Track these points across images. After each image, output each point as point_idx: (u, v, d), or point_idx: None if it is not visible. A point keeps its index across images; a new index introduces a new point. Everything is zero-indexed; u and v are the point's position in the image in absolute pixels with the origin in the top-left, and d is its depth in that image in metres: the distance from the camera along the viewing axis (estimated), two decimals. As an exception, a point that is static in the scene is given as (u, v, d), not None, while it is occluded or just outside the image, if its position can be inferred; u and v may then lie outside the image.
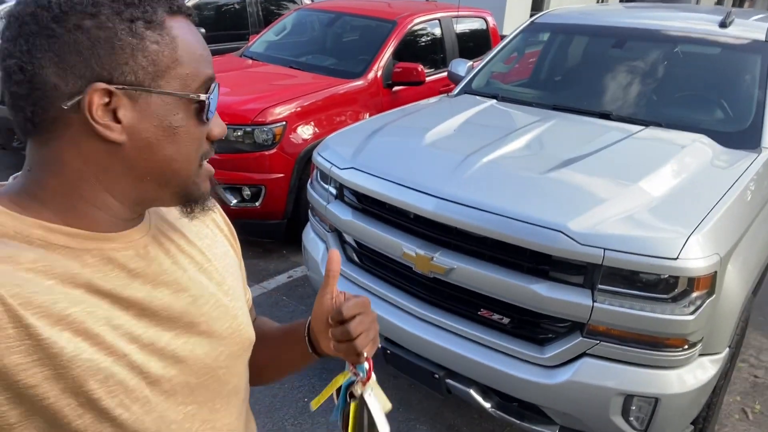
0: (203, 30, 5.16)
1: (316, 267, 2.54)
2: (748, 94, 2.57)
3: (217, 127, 0.68)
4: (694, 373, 1.80)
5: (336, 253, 0.81)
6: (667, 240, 1.70)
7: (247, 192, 3.58)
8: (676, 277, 1.69)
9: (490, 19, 5.65)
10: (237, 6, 6.12)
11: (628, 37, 3.01)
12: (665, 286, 1.71)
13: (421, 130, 2.45)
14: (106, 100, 0.59)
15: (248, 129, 3.52)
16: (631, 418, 1.81)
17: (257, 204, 3.59)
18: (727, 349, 1.89)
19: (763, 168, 2.25)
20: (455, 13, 5.08)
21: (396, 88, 4.34)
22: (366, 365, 0.76)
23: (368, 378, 0.77)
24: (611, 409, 1.80)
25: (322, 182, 2.54)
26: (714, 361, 1.85)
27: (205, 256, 0.76)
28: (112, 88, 0.59)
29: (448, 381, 2.09)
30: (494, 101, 2.93)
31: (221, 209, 0.88)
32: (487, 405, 2.04)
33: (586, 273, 1.79)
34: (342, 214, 2.33)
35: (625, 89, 2.75)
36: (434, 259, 2.01)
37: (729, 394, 2.74)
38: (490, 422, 2.47)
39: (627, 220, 1.80)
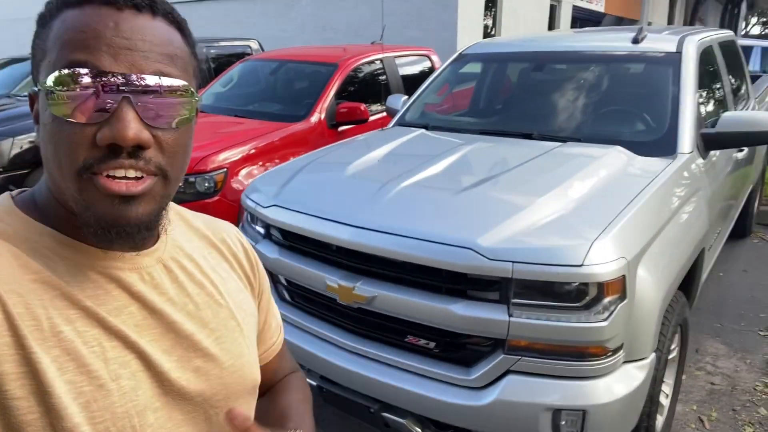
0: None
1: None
2: (662, 103, 2.65)
3: (109, 129, 0.54)
4: (620, 382, 1.77)
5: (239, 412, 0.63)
6: (571, 247, 1.70)
7: (192, 242, 3.55)
8: (585, 284, 1.69)
9: (434, 57, 5.81)
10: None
11: (548, 61, 3.11)
12: (576, 294, 1.70)
13: (345, 163, 2.47)
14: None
15: (190, 179, 3.51)
16: (562, 434, 1.77)
17: (204, 253, 3.55)
18: (653, 354, 1.87)
19: (678, 172, 2.29)
20: (397, 53, 5.21)
21: (342, 128, 4.39)
22: None
23: None
24: (541, 426, 1.75)
25: (251, 223, 2.52)
26: (640, 368, 1.82)
27: (216, 289, 0.73)
28: (35, 90, 0.60)
29: (384, 414, 2.03)
30: (424, 130, 2.97)
31: (246, 244, 0.84)
32: (424, 435, 1.98)
33: (500, 288, 1.78)
34: (269, 252, 2.31)
35: (545, 109, 2.82)
36: (356, 288, 1.99)
37: (685, 404, 2.70)
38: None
39: (534, 232, 1.80)
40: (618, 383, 1.76)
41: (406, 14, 9.34)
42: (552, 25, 13.09)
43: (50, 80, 0.55)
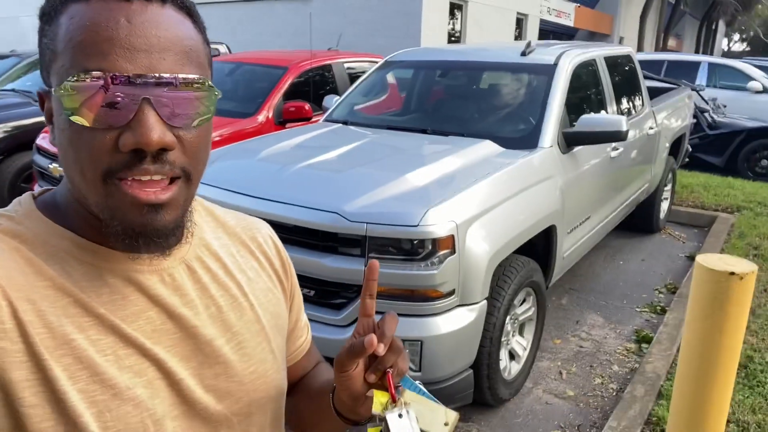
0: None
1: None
2: (533, 106, 3.15)
3: (132, 134, 0.53)
4: (452, 319, 2.25)
5: (376, 264, 0.68)
6: (411, 212, 2.19)
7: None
8: (422, 240, 2.17)
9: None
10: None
11: (450, 69, 3.61)
12: (414, 249, 2.18)
13: (260, 150, 2.94)
14: (46, 105, 0.60)
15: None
16: (407, 361, 2.23)
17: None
18: (484, 300, 2.35)
19: (531, 161, 2.79)
20: (347, 59, 5.71)
21: (289, 125, 4.86)
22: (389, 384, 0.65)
23: (393, 399, 0.64)
24: (388, 354, 2.22)
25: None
26: (471, 310, 2.30)
27: (242, 290, 0.71)
28: (45, 89, 0.60)
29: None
30: (341, 125, 3.45)
31: (279, 243, 0.82)
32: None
33: (360, 245, 2.25)
34: (193, 221, 2.77)
35: (440, 109, 3.31)
36: (254, 247, 2.45)
37: (552, 361, 3.19)
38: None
39: (389, 200, 2.28)
40: (449, 320, 2.24)
41: (372, 23, 9.87)
42: (520, 36, 13.69)
43: (66, 86, 0.52)
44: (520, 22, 13.33)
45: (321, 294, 2.39)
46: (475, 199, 2.36)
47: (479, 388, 2.48)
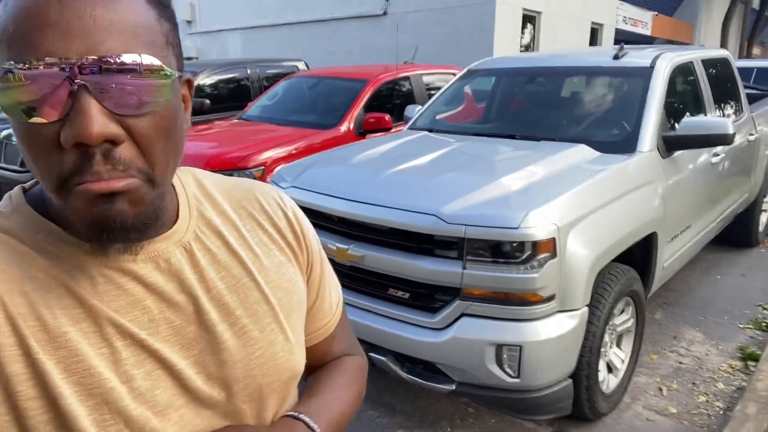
0: (208, 102, 5.95)
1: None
2: (630, 109, 3.04)
3: (70, 128, 0.48)
4: (552, 325, 2.18)
5: None
6: (510, 214, 2.15)
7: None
8: (522, 243, 2.12)
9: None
10: (242, 82, 6.98)
11: (539, 75, 3.56)
12: (514, 251, 2.14)
13: (352, 156, 2.99)
14: None
15: (234, 174, 4.13)
16: (505, 366, 2.19)
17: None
18: (585, 307, 2.27)
19: (631, 166, 2.69)
20: (425, 71, 5.76)
21: (369, 135, 4.94)
22: None
23: None
24: (486, 358, 2.18)
25: (276, 204, 3.08)
26: (571, 317, 2.22)
27: (246, 269, 0.67)
28: None
29: (370, 354, 2.50)
30: (427, 132, 3.47)
31: (290, 209, 0.76)
32: (400, 370, 2.43)
33: (458, 247, 2.23)
34: (287, 225, 2.85)
35: (529, 115, 3.26)
36: (349, 250, 2.49)
37: (650, 376, 3.03)
38: (424, 398, 2.83)
39: (487, 203, 2.26)
40: (550, 326, 2.17)
41: (443, 37, 9.92)
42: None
43: None
44: (594, 33, 13.00)
45: (416, 296, 2.39)
46: (576, 203, 2.29)
47: (578, 400, 2.39)
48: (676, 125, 3.07)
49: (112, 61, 0.48)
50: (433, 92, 5.74)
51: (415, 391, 2.87)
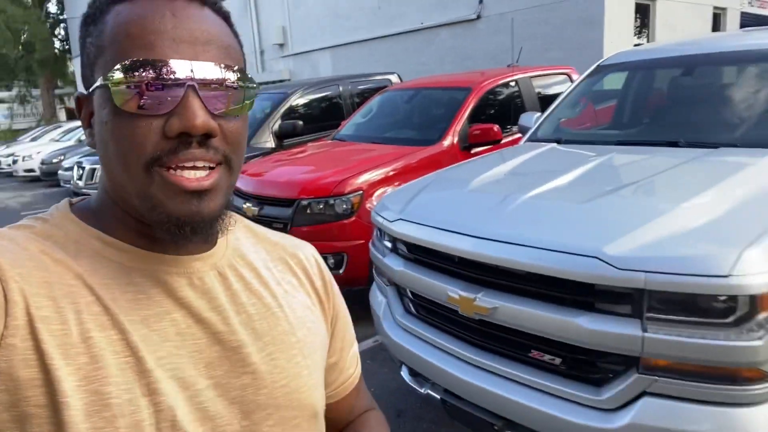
0: (301, 123, 5.68)
1: (379, 322, 2.57)
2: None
3: (178, 119, 0.54)
4: (781, 414, 1.52)
5: None
6: (715, 256, 1.53)
7: (330, 260, 3.76)
8: (734, 297, 1.49)
9: (575, 76, 5.60)
10: (334, 100, 6.71)
11: (698, 64, 2.84)
12: (723, 309, 1.51)
13: (468, 179, 2.48)
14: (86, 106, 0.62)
15: (330, 201, 3.76)
16: (712, 470, 1.55)
17: (341, 271, 3.75)
18: (829, 385, 1.58)
19: None
20: (533, 74, 5.13)
21: (475, 149, 4.40)
22: None
23: None
24: (684, 458, 1.56)
25: (380, 238, 2.62)
26: (811, 401, 1.55)
27: (276, 300, 0.69)
28: (84, 93, 0.61)
29: (508, 434, 1.95)
30: (555, 144, 2.88)
31: (323, 264, 0.80)
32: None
33: (632, 301, 1.64)
34: (395, 265, 2.38)
35: (693, 115, 2.57)
36: (477, 300, 1.96)
37: None
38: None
39: (672, 240, 1.64)
40: (778, 416, 1.51)
41: (546, 36, 9.16)
42: (715, 35, 11.90)
43: (114, 75, 0.54)
44: (717, 18, 11.58)
45: (571, 363, 1.82)
46: (805, 235, 1.62)
47: None
48: None
49: (214, 71, 0.56)
50: (547, 97, 5.10)
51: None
